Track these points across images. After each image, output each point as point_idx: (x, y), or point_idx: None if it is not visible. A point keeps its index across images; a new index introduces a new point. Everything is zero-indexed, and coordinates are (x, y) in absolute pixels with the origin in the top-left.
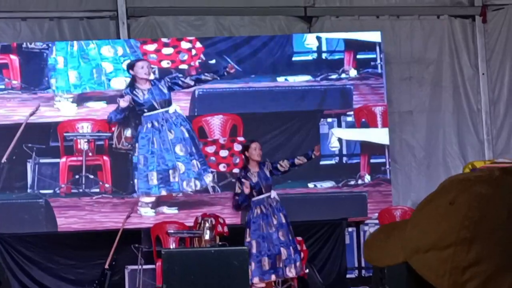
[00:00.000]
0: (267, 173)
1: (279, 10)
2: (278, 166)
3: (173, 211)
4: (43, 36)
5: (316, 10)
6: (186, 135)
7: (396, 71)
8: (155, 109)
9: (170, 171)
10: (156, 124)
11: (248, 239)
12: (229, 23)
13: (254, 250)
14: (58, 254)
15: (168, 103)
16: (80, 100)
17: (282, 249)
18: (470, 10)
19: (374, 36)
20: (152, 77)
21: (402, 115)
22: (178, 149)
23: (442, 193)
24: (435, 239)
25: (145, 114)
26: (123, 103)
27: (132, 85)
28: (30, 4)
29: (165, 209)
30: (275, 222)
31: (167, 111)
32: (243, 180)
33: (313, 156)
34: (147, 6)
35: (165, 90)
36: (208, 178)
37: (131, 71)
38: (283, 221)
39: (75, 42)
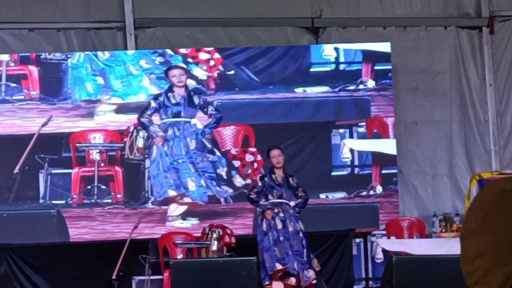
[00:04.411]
0: (291, 183)
1: (286, 21)
2: (298, 192)
3: (189, 222)
4: (51, 46)
5: (323, 21)
6: (208, 145)
7: (402, 82)
8: (180, 116)
9: (188, 179)
10: (177, 131)
11: (264, 228)
12: (237, 34)
13: (268, 243)
14: (66, 264)
15: (193, 116)
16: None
17: (295, 255)
18: (477, 21)
19: (383, 47)
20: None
21: (408, 126)
22: (199, 159)
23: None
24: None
25: (166, 120)
26: (158, 140)
27: (170, 88)
28: (38, 15)
29: (177, 222)
30: (290, 228)
31: (189, 122)
32: (267, 210)
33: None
34: (155, 17)
35: (196, 102)
36: (238, 181)
37: (168, 78)
38: (299, 230)
39: (86, 52)
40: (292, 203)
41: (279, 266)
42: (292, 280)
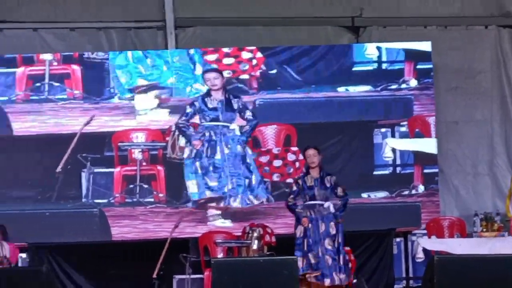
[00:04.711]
0: (327, 183)
1: (327, 21)
2: (338, 191)
3: (227, 223)
4: (91, 46)
5: (364, 21)
6: (242, 152)
7: (442, 81)
8: (218, 120)
9: (228, 181)
10: (213, 136)
11: (300, 235)
12: (277, 33)
13: (304, 248)
14: (108, 263)
15: (232, 119)
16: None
17: (327, 257)
18: None
19: (424, 46)
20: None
21: (448, 125)
22: (231, 164)
23: None
24: None
25: (205, 123)
26: (196, 143)
27: (208, 92)
28: (78, 14)
29: (219, 221)
30: (322, 229)
31: (227, 126)
32: (303, 218)
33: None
34: (195, 16)
35: (235, 106)
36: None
37: (204, 82)
38: (332, 231)
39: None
40: (327, 204)
41: (311, 272)
42: (326, 281)
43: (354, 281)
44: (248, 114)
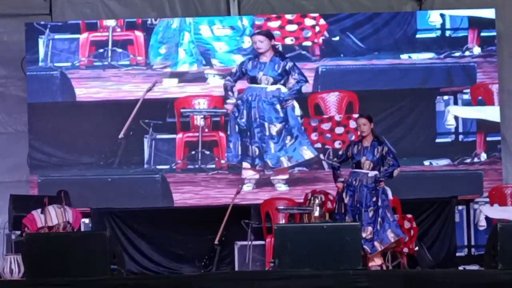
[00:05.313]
0: (375, 153)
1: None
2: (386, 160)
3: (287, 187)
4: (155, 12)
5: None
6: (281, 114)
7: (506, 48)
8: (256, 83)
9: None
10: (249, 98)
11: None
12: (339, 0)
13: (340, 212)
14: (169, 229)
15: (274, 82)
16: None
17: (368, 227)
18: None
19: (487, 13)
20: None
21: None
22: (267, 126)
23: None
24: None
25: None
26: (228, 106)
27: (257, 55)
28: None
29: (279, 186)
30: (361, 199)
31: (265, 88)
32: (338, 183)
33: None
34: None
35: (279, 70)
36: (307, 154)
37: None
38: (372, 200)
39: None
40: (372, 174)
41: None
42: (366, 248)
43: (416, 248)
44: (297, 75)
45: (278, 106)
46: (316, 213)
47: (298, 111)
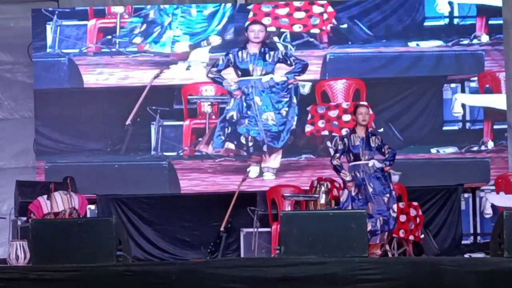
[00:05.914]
0: (372, 144)
1: None
2: (384, 149)
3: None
4: None
5: None
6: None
7: None
8: (249, 75)
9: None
10: (245, 90)
11: (344, 199)
12: None
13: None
14: (175, 215)
15: (267, 73)
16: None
17: (378, 216)
18: None
19: (495, 1)
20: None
21: None
22: (265, 116)
23: None
24: None
25: (237, 79)
26: (236, 92)
27: (244, 46)
28: None
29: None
30: (370, 190)
31: (259, 79)
32: (348, 183)
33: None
34: None
35: (270, 60)
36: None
37: (245, 33)
38: (380, 189)
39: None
40: (371, 163)
41: None
42: (375, 239)
43: (422, 236)
44: (293, 58)
45: (275, 95)
46: (322, 200)
47: (307, 89)
